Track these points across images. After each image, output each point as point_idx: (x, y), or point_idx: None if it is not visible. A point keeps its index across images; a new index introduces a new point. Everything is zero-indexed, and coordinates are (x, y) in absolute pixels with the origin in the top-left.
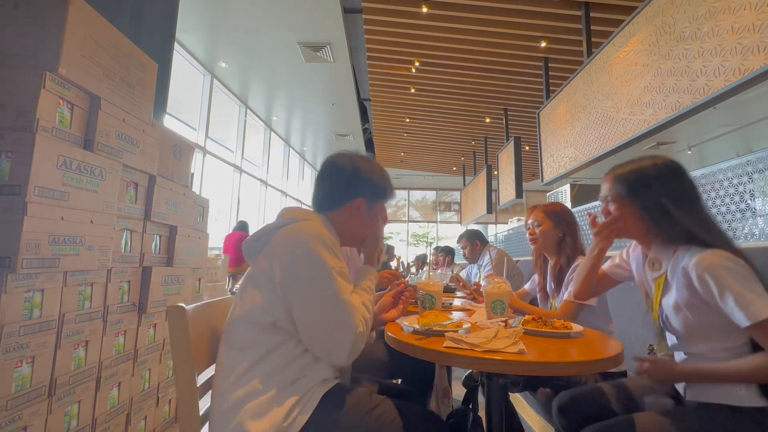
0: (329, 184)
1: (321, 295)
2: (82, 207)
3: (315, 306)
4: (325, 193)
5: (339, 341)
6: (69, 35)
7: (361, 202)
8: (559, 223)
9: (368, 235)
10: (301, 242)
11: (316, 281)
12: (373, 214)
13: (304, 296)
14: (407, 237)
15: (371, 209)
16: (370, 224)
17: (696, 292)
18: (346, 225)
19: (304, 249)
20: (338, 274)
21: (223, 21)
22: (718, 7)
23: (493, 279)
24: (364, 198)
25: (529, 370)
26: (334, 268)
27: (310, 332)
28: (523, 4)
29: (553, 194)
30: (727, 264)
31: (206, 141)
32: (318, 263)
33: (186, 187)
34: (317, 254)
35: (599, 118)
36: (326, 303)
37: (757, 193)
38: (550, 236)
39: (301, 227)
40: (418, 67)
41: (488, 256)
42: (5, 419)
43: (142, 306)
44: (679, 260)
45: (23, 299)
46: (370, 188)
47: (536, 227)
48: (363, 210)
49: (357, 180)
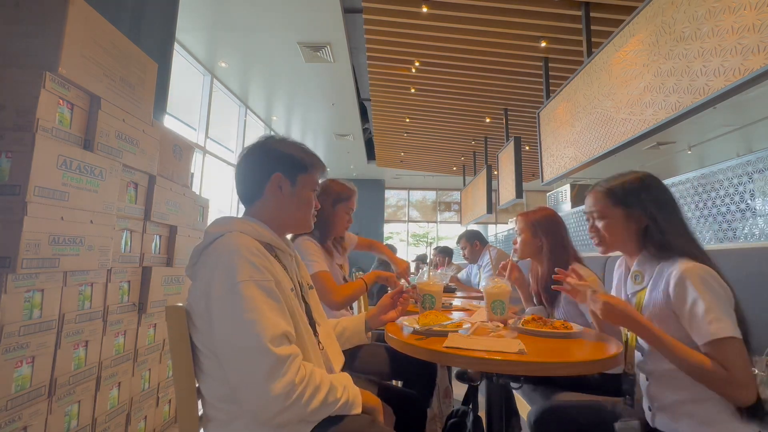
0: (244, 172)
1: (227, 313)
2: (82, 207)
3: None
4: (243, 182)
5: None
6: (69, 35)
7: (279, 176)
8: (537, 232)
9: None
10: (214, 259)
11: (223, 297)
12: (300, 189)
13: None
14: (407, 237)
15: (295, 184)
16: (299, 200)
17: (668, 300)
18: (275, 210)
19: (216, 265)
20: (252, 285)
21: (223, 21)
22: (718, 7)
23: (494, 279)
24: (281, 172)
25: (529, 370)
26: (247, 280)
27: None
28: (523, 4)
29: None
30: (710, 279)
31: (206, 141)
32: (227, 277)
33: (186, 187)
34: (227, 268)
35: (599, 118)
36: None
37: (757, 193)
38: (528, 246)
39: (220, 243)
40: (418, 67)
41: (488, 256)
42: (5, 419)
43: (142, 306)
44: (663, 271)
45: (23, 299)
46: (284, 161)
47: (518, 236)
48: (286, 186)
49: (267, 156)
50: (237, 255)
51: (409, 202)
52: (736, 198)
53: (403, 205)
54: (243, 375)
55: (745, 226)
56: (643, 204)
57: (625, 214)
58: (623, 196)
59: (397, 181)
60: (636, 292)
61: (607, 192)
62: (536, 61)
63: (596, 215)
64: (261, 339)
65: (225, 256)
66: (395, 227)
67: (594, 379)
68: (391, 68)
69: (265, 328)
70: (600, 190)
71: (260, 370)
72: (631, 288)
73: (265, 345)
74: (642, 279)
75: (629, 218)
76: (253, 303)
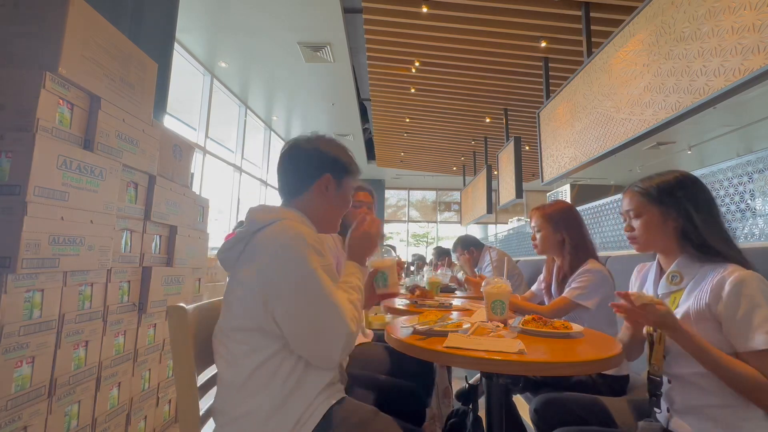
0: (294, 167)
1: (307, 298)
2: (82, 207)
3: (301, 310)
4: (290, 177)
5: (330, 344)
6: (69, 35)
7: (329, 178)
8: (558, 226)
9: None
10: (279, 245)
11: (300, 284)
12: (343, 192)
13: (289, 301)
14: (407, 237)
15: (340, 186)
16: (341, 202)
17: (714, 303)
18: (318, 207)
19: (284, 251)
20: (322, 272)
21: (223, 21)
22: (718, 7)
23: (494, 279)
24: (332, 174)
25: (529, 370)
26: (318, 267)
27: (299, 338)
28: (523, 4)
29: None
30: (765, 287)
31: (206, 141)
32: (300, 264)
33: (186, 187)
34: (298, 255)
35: (599, 118)
36: (313, 306)
37: (757, 193)
38: (549, 241)
39: (277, 229)
40: (418, 67)
41: (488, 258)
42: (5, 419)
43: (142, 306)
44: (707, 274)
45: (23, 299)
46: (335, 163)
47: (536, 232)
48: (332, 187)
49: (321, 156)
50: (303, 242)
51: (409, 202)
52: (736, 198)
53: (403, 205)
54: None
55: (745, 226)
56: (679, 203)
57: (661, 212)
58: (658, 195)
59: (397, 181)
60: (671, 292)
61: (642, 191)
62: (536, 61)
63: (632, 214)
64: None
65: (290, 243)
66: (395, 227)
67: (595, 380)
68: (391, 68)
69: (345, 310)
70: (636, 189)
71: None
72: (664, 288)
73: (348, 324)
74: (680, 280)
75: (665, 217)
76: (329, 288)
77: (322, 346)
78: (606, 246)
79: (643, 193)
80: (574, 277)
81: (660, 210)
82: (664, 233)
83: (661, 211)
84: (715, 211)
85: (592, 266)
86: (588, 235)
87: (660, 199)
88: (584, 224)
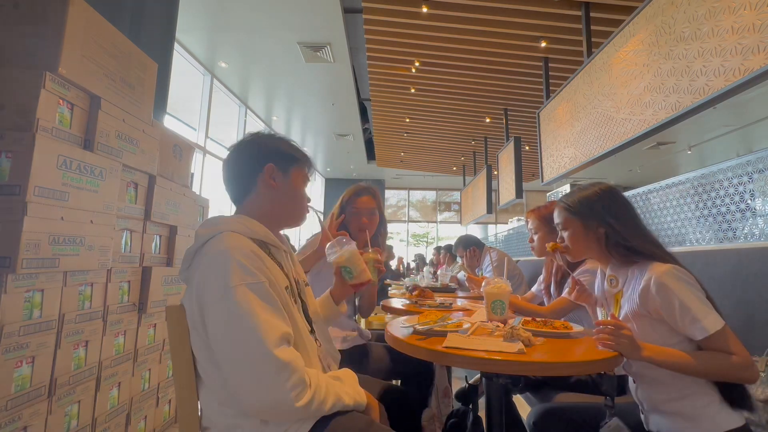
0: (236, 170)
1: (222, 317)
2: (82, 207)
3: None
4: (234, 181)
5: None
6: (69, 35)
7: (272, 167)
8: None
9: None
10: (206, 261)
11: (217, 301)
12: (293, 182)
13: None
14: (407, 237)
15: (288, 176)
16: (293, 192)
17: (648, 303)
18: (269, 203)
19: (208, 267)
20: (245, 289)
21: (223, 21)
22: (718, 7)
23: (494, 279)
24: (274, 162)
25: (529, 370)
26: (239, 284)
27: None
28: (523, 4)
29: (553, 194)
30: (684, 277)
31: (206, 141)
32: (219, 280)
33: (186, 187)
34: (220, 270)
35: (599, 118)
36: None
37: (757, 193)
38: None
39: (210, 244)
40: (418, 67)
41: (489, 258)
42: (5, 419)
43: (142, 306)
44: (635, 275)
45: (23, 299)
46: (276, 153)
47: (534, 234)
48: (278, 176)
49: (259, 148)
50: (228, 258)
51: (409, 202)
52: (736, 198)
53: (403, 205)
54: (247, 382)
55: (745, 226)
56: (599, 214)
57: (583, 224)
58: (579, 208)
59: (397, 181)
60: (614, 293)
61: (566, 206)
62: (536, 61)
63: (560, 227)
64: (262, 344)
65: (216, 259)
66: (395, 227)
67: (594, 379)
68: (391, 68)
69: (265, 332)
70: (560, 204)
71: (266, 376)
72: (609, 293)
73: (267, 350)
74: (617, 283)
75: (587, 228)
76: (248, 307)
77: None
78: None
79: (566, 208)
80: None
81: (582, 222)
82: (589, 243)
83: (583, 223)
84: (632, 215)
85: (591, 266)
86: None
87: (581, 213)
88: None
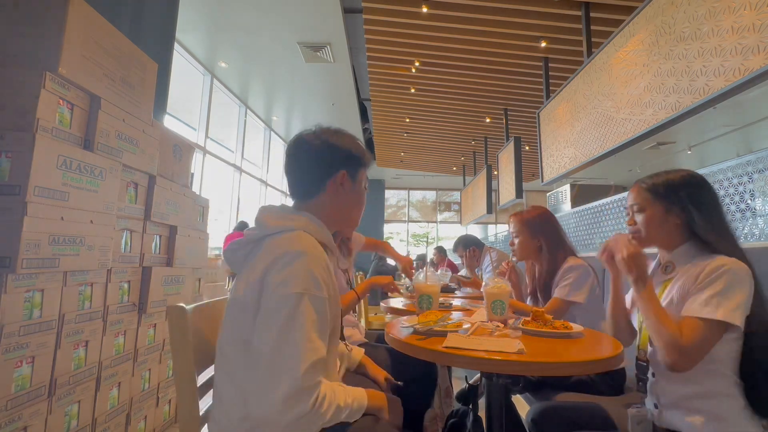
0: (304, 166)
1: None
2: (82, 207)
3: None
4: (300, 177)
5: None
6: (69, 35)
7: (344, 174)
8: (535, 232)
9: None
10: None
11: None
12: (359, 187)
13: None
14: (407, 237)
15: (355, 181)
16: (358, 198)
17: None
18: (335, 207)
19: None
20: (309, 305)
21: (223, 21)
22: (718, 7)
23: (494, 279)
24: (346, 169)
25: (529, 370)
26: (304, 293)
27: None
28: (523, 4)
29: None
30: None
31: (206, 141)
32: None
33: (186, 187)
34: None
35: (599, 118)
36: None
37: (757, 193)
38: (527, 247)
39: (286, 240)
40: (418, 67)
41: (488, 258)
42: (5, 419)
43: (142, 306)
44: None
45: (23, 299)
46: (349, 158)
47: (515, 238)
48: (347, 184)
49: (332, 152)
50: (304, 263)
51: (409, 202)
52: (736, 198)
53: (403, 205)
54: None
55: (745, 226)
56: (683, 201)
57: (665, 209)
58: (664, 192)
59: (397, 181)
60: (663, 281)
61: (649, 187)
62: (536, 61)
63: (636, 208)
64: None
65: (293, 259)
66: (395, 227)
67: (594, 379)
68: (391, 68)
69: (305, 352)
70: (643, 185)
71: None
72: (658, 277)
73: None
74: (672, 269)
75: (668, 213)
76: (302, 319)
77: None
78: None
79: (650, 188)
80: (559, 277)
81: (663, 206)
82: (664, 229)
83: (664, 207)
84: (718, 211)
85: (573, 262)
86: (565, 237)
87: (665, 196)
88: (561, 228)
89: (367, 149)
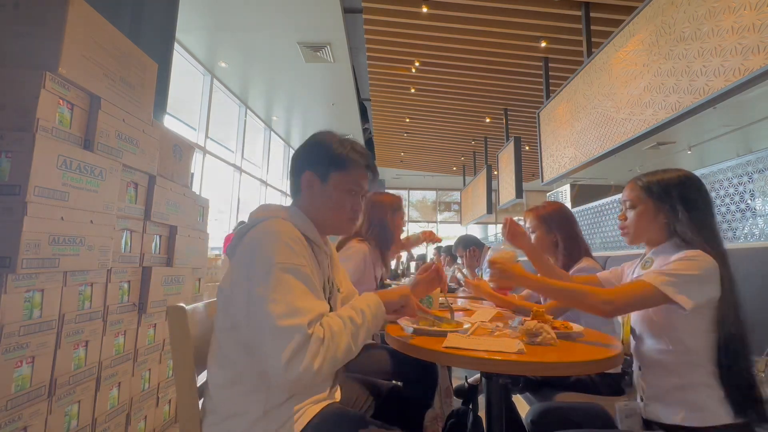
0: (291, 165)
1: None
2: (82, 207)
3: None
4: (290, 175)
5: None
6: (69, 35)
7: (310, 175)
8: (552, 227)
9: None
10: (256, 240)
11: (260, 273)
12: (331, 189)
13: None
14: None
15: (326, 182)
16: (329, 200)
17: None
18: (311, 206)
19: (257, 244)
20: (284, 269)
21: (223, 21)
22: (718, 7)
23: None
24: (311, 169)
25: (529, 370)
26: (284, 261)
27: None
28: (523, 4)
29: (553, 194)
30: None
31: (206, 141)
32: (266, 255)
33: (186, 187)
34: (267, 248)
35: (599, 118)
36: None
37: (757, 193)
38: (544, 243)
39: (260, 226)
40: (418, 67)
41: None
42: (5, 419)
43: (142, 306)
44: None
45: (23, 299)
46: (315, 157)
47: (531, 233)
48: (316, 184)
49: (303, 151)
50: (276, 238)
51: (409, 202)
52: (736, 198)
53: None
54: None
55: (745, 226)
56: (674, 200)
57: (656, 207)
58: (657, 191)
59: (397, 181)
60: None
61: (644, 185)
62: (536, 61)
63: (628, 204)
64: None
65: (264, 237)
66: None
67: (594, 379)
68: (391, 68)
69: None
70: (637, 182)
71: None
72: (638, 272)
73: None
74: (651, 264)
75: (658, 212)
76: (287, 285)
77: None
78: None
79: (644, 186)
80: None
81: (655, 204)
82: (653, 226)
83: (655, 205)
84: (707, 213)
85: (587, 264)
86: (581, 235)
87: (657, 195)
88: (577, 224)
89: (361, 152)
